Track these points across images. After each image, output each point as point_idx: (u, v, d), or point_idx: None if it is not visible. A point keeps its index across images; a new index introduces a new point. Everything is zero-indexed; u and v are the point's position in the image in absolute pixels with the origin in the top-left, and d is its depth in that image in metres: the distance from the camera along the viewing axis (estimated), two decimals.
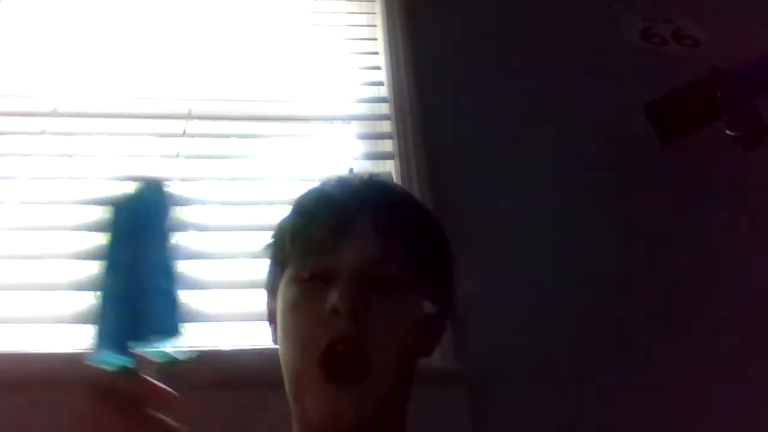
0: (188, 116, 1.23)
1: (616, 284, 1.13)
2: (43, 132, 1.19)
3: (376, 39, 1.42)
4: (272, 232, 0.71)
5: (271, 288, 0.69)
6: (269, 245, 0.71)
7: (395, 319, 0.61)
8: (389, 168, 1.21)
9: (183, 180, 1.15)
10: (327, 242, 0.63)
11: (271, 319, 0.69)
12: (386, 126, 1.28)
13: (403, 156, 1.21)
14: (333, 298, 0.59)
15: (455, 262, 0.71)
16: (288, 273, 0.65)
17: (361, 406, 0.58)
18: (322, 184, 0.70)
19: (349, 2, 1.52)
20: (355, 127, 1.31)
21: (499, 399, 0.99)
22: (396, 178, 1.17)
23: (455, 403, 0.94)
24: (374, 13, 1.47)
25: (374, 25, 1.45)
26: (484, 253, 1.12)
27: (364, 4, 1.50)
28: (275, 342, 0.67)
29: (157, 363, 0.47)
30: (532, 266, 1.12)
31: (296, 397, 0.61)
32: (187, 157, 1.18)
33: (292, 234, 0.67)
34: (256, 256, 0.93)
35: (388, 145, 1.26)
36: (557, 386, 1.02)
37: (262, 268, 0.71)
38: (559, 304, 1.09)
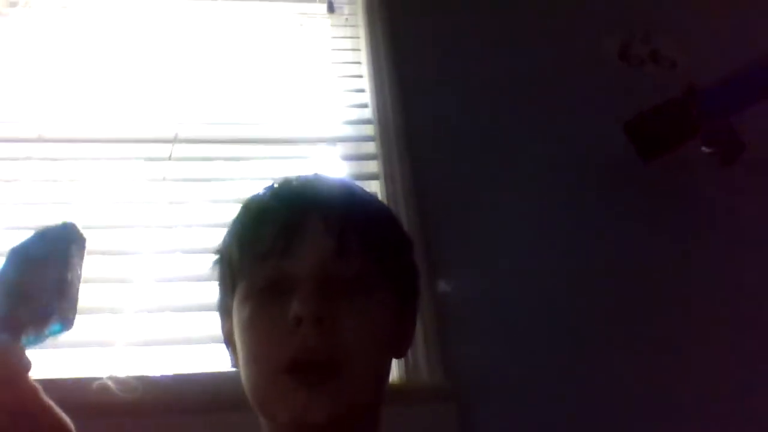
0: (174, 140, 1.24)
1: (606, 298, 1.14)
2: (28, 158, 1.19)
3: (360, 63, 1.45)
4: (217, 248, 0.66)
5: (224, 309, 0.65)
6: (215, 262, 0.66)
7: (364, 320, 0.58)
8: (374, 188, 1.22)
9: (170, 203, 1.15)
10: (277, 245, 0.58)
11: (228, 342, 0.64)
12: (371, 147, 1.30)
13: (388, 176, 1.23)
14: (294, 306, 0.55)
15: (414, 252, 0.67)
16: (240, 289, 0.61)
17: (333, 404, 0.55)
18: (261, 191, 0.66)
19: (333, 26, 1.54)
20: (340, 149, 1.32)
21: (487, 415, 0.99)
22: (381, 199, 1.18)
23: (444, 419, 0.94)
24: (358, 37, 1.49)
25: (358, 49, 1.47)
26: (470, 271, 1.13)
27: (348, 28, 1.53)
28: (234, 366, 0.63)
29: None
30: (520, 282, 1.13)
31: (264, 410, 0.58)
32: (173, 180, 1.19)
33: (240, 243, 0.62)
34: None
35: (373, 166, 1.27)
36: (546, 402, 1.02)
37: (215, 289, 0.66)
38: (548, 319, 1.10)
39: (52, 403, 0.39)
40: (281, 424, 0.58)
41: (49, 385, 0.89)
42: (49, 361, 0.95)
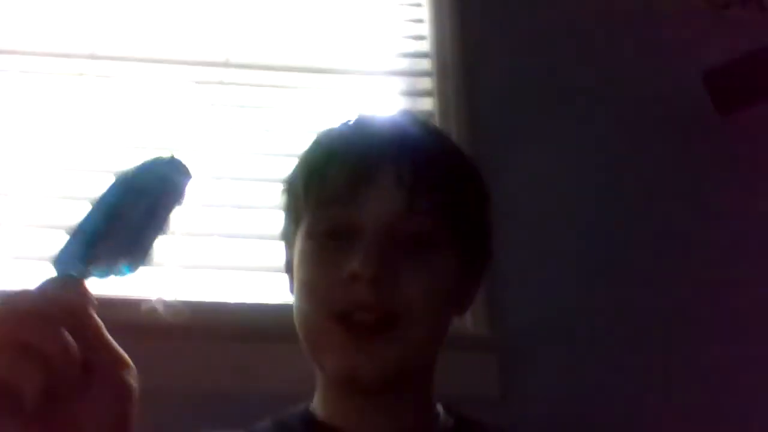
0: (226, 64, 1.21)
1: (657, 249, 1.09)
2: (81, 74, 1.18)
3: None
4: (285, 181, 0.65)
5: (288, 239, 0.64)
6: (283, 191, 0.65)
7: (426, 278, 0.55)
8: None
9: (218, 129, 1.14)
10: (345, 193, 0.56)
11: (289, 269, 0.63)
12: (426, 83, 1.24)
13: (442, 115, 1.17)
14: (353, 261, 0.53)
15: (492, 208, 0.63)
16: (303, 224, 0.59)
17: (385, 363, 0.53)
18: (338, 126, 0.62)
19: None
20: (394, 83, 1.27)
21: (529, 368, 0.97)
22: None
23: (485, 370, 0.93)
24: None
25: None
26: (522, 219, 1.09)
27: None
28: (291, 292, 0.62)
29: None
30: (573, 234, 1.09)
31: (314, 356, 0.58)
32: (223, 105, 1.16)
33: (306, 182, 0.60)
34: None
35: (427, 104, 1.22)
36: (591, 360, 1.00)
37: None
38: (597, 273, 1.06)
39: (112, 340, 0.38)
40: (328, 373, 0.57)
41: (99, 302, 0.92)
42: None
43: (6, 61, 1.17)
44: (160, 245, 0.42)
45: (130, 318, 0.87)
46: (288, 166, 0.67)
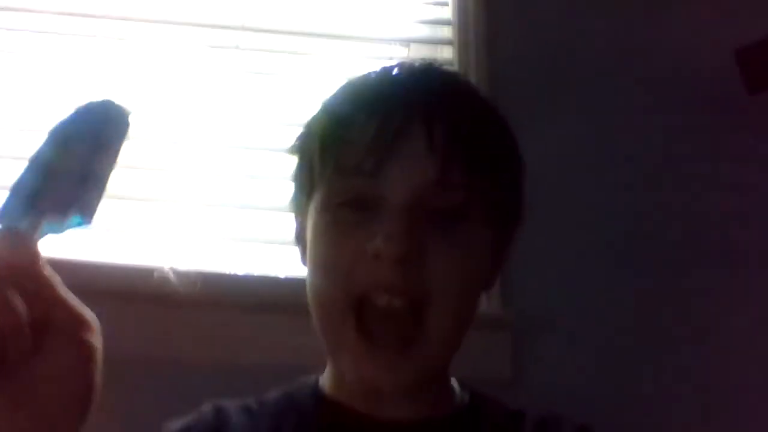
0: (242, 28, 1.18)
1: (673, 231, 1.06)
2: (93, 36, 1.15)
3: None
4: (297, 142, 0.57)
5: (299, 208, 0.57)
6: (294, 156, 0.57)
7: (458, 258, 0.49)
8: None
9: (232, 95, 1.11)
10: (368, 159, 0.49)
11: (299, 239, 0.58)
12: (447, 52, 1.20)
13: None
14: (377, 240, 0.47)
15: (526, 175, 0.57)
16: (318, 196, 0.53)
17: (406, 377, 0.49)
18: (361, 79, 0.55)
19: None
20: (414, 51, 1.23)
21: (542, 347, 0.96)
22: None
23: (498, 348, 0.92)
24: None
25: None
26: (540, 197, 1.07)
27: None
28: (304, 263, 0.57)
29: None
30: (587, 209, 1.06)
31: (327, 348, 0.54)
32: (239, 71, 1.14)
33: (323, 149, 0.52)
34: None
35: None
36: (601, 336, 0.99)
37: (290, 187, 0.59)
38: (613, 256, 1.04)
39: (71, 295, 0.36)
40: (343, 375, 0.53)
41: (111, 270, 0.92)
42: (109, 246, 0.96)
43: (19, 19, 1.15)
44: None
45: (143, 286, 0.87)
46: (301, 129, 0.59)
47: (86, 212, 0.38)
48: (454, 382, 0.61)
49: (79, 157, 0.39)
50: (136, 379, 0.82)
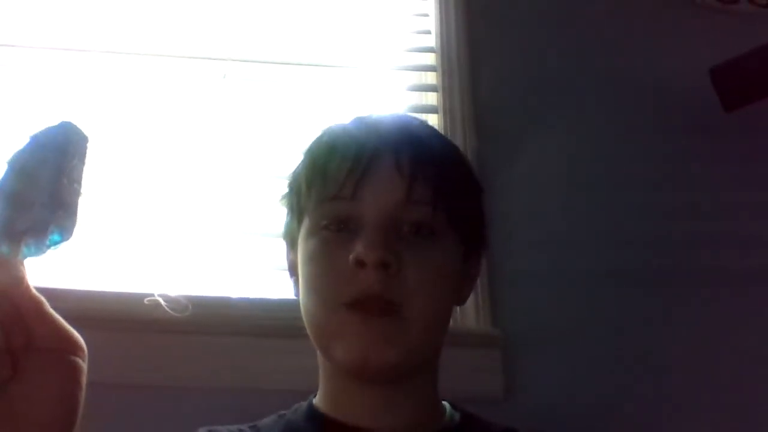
0: (228, 58, 1.20)
1: (657, 247, 1.08)
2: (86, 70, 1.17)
3: None
4: (288, 180, 0.67)
5: (291, 238, 0.65)
6: (285, 194, 0.67)
7: (428, 266, 0.57)
8: (433, 122, 1.17)
9: (222, 124, 1.13)
10: (346, 186, 0.58)
11: (292, 271, 0.65)
12: (431, 78, 1.23)
13: (447, 111, 1.17)
14: (358, 248, 0.54)
15: (486, 200, 0.66)
16: (306, 223, 0.61)
17: (393, 348, 0.54)
18: (336, 125, 0.65)
19: None
20: (399, 78, 1.26)
21: (532, 364, 0.97)
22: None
23: (489, 365, 0.93)
24: None
25: None
26: (526, 216, 1.09)
27: None
28: (297, 296, 0.63)
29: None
30: (572, 227, 1.08)
31: (324, 347, 0.58)
32: (226, 101, 1.16)
33: (308, 179, 0.61)
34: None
35: (432, 98, 1.21)
36: (591, 354, 0.99)
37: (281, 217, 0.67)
38: (597, 267, 1.05)
39: (57, 316, 0.37)
40: (339, 363, 0.57)
41: (101, 297, 0.92)
42: (101, 274, 0.96)
43: (14, 55, 1.16)
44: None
45: (134, 313, 0.87)
46: (293, 162, 0.68)
47: (63, 228, 0.40)
48: (445, 404, 0.65)
49: (45, 181, 0.40)
50: (129, 406, 0.82)
